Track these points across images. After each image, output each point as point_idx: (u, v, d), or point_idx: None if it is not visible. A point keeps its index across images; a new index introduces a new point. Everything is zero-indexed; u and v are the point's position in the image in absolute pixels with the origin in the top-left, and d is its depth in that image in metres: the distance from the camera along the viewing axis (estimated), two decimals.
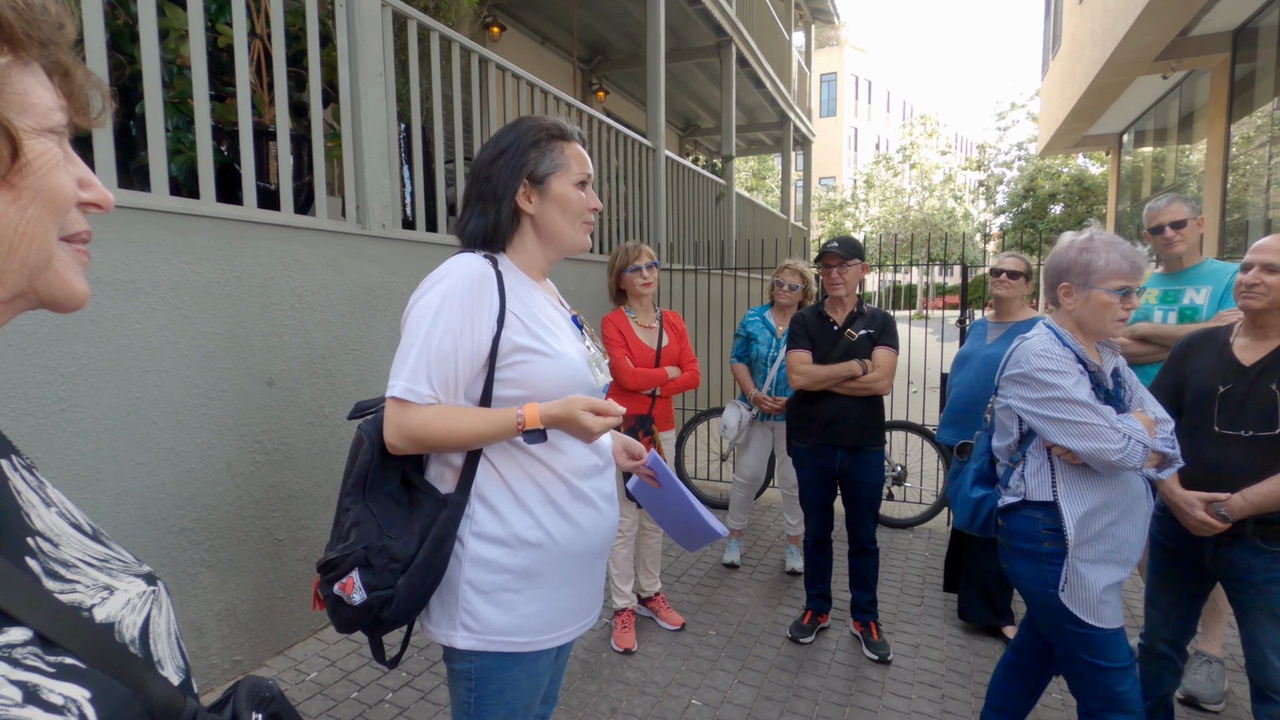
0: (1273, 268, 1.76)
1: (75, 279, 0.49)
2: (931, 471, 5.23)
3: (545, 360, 1.15)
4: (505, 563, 1.14)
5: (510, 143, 1.19)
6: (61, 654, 0.41)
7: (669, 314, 3.02)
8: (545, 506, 1.17)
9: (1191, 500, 1.83)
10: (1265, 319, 1.81)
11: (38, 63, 0.45)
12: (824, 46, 35.58)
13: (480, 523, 1.15)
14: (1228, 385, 1.83)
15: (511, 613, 1.14)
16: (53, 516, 0.49)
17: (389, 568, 1.09)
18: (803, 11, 13.32)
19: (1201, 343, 1.96)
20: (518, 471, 1.16)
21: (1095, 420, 1.57)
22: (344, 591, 1.09)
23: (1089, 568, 1.64)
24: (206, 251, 2.32)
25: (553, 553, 1.17)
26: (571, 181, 1.21)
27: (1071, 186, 21.39)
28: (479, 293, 1.12)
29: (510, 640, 1.15)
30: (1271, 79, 7.78)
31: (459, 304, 1.11)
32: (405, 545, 1.11)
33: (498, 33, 7.00)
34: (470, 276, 1.13)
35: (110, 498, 2.08)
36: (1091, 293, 1.66)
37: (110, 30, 2.42)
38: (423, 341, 1.10)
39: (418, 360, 1.10)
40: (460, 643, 1.14)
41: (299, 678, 2.50)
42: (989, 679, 2.56)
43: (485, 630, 1.14)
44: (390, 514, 1.14)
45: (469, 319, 1.11)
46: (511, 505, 1.15)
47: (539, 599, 1.16)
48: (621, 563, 2.89)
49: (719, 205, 7.96)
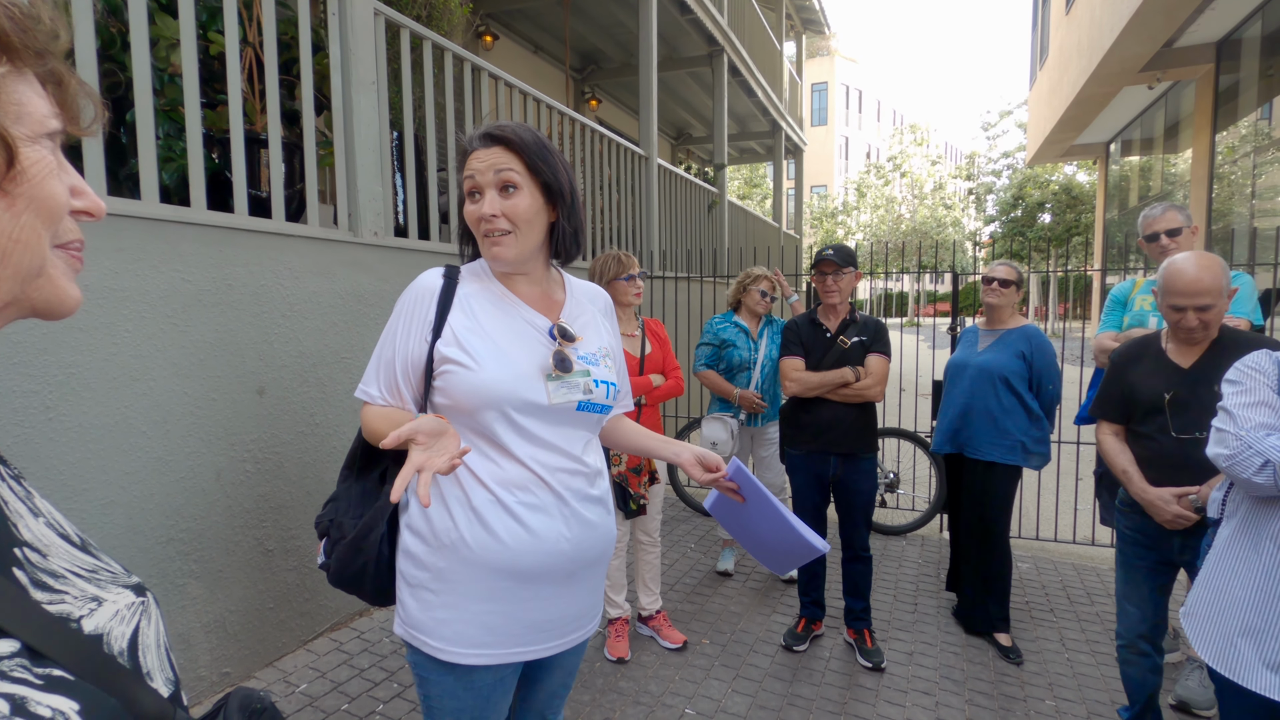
0: (1206, 308, 1.86)
1: (67, 285, 0.49)
2: (924, 478, 5.25)
3: (465, 372, 1.14)
4: (425, 560, 1.16)
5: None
6: (50, 666, 0.40)
7: (650, 322, 3.01)
8: (465, 511, 1.14)
9: (1165, 497, 1.93)
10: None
11: (32, 71, 0.45)
12: (815, 56, 35.89)
13: (411, 515, 1.19)
14: (1171, 391, 1.94)
15: (427, 613, 1.16)
16: (41, 527, 0.48)
17: (337, 539, 1.23)
18: (794, 21, 13.43)
19: (1138, 352, 2.08)
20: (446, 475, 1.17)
21: (1225, 425, 1.52)
22: (319, 553, 1.26)
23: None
24: (197, 259, 2.31)
25: (466, 559, 1.13)
26: (467, 199, 1.19)
27: (1060, 195, 21.59)
28: (415, 307, 1.20)
29: (426, 641, 1.16)
30: (1255, 89, 7.90)
31: (402, 317, 1.20)
32: (352, 523, 1.23)
33: (490, 42, 7.02)
34: (415, 291, 1.21)
35: (98, 507, 2.06)
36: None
37: (101, 38, 2.41)
38: (378, 350, 1.22)
39: (373, 366, 1.22)
40: (396, 628, 1.22)
41: (289, 689, 2.47)
42: (983, 686, 2.57)
43: (409, 623, 1.18)
44: (367, 496, 1.27)
45: (405, 331, 1.19)
46: (435, 502, 1.16)
47: (452, 606, 1.14)
48: (614, 574, 2.87)
49: (711, 213, 7.99)
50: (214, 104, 2.75)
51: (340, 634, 2.86)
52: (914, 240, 26.92)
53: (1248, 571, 1.47)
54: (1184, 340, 1.95)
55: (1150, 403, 1.98)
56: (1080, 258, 21.58)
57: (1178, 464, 1.93)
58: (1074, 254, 21.97)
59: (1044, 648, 2.87)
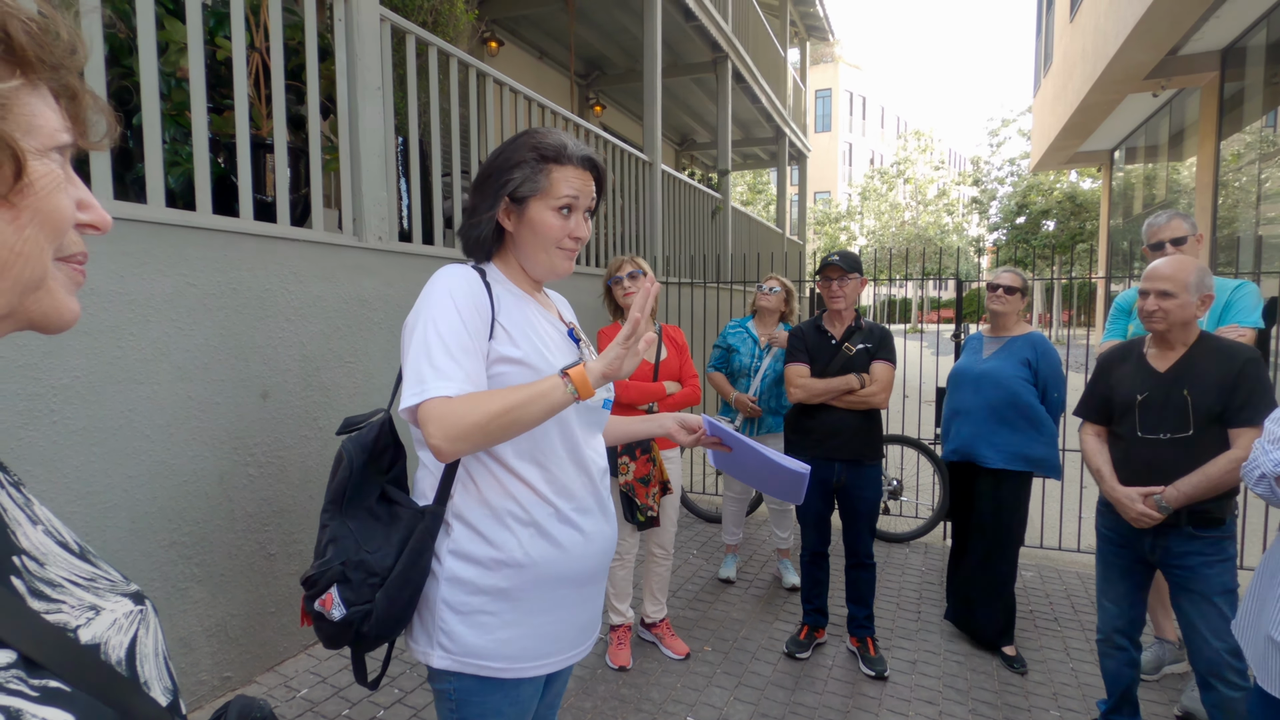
0: (1166, 294, 1.95)
1: (66, 299, 0.49)
2: (928, 485, 5.23)
3: (526, 372, 1.12)
4: (481, 583, 1.11)
5: (503, 159, 1.18)
6: (46, 676, 0.40)
7: (668, 328, 2.96)
8: (527, 528, 1.13)
9: (1132, 495, 2.02)
10: (1169, 335, 2.01)
11: (46, 85, 0.45)
12: (819, 63, 35.95)
13: (458, 540, 1.12)
14: (1144, 393, 2.02)
15: (487, 635, 1.11)
16: (39, 535, 0.48)
17: (367, 582, 1.08)
18: (798, 28, 13.47)
19: (1121, 356, 2.16)
20: (498, 489, 1.13)
21: (1259, 439, 1.54)
22: (324, 608, 1.09)
23: None
24: (202, 263, 2.31)
25: (533, 575, 1.13)
26: (551, 206, 1.16)
27: (1064, 203, 21.55)
28: (476, 299, 1.12)
29: (486, 665, 1.11)
30: (1260, 97, 7.89)
31: (465, 303, 1.10)
32: (383, 558, 1.10)
33: (496, 48, 7.05)
34: (467, 280, 1.13)
35: (101, 511, 2.06)
36: None
37: (109, 43, 2.43)
38: (438, 339, 1.06)
39: (444, 357, 1.05)
40: (437, 662, 1.12)
41: (289, 694, 2.46)
42: (986, 696, 2.55)
43: (461, 651, 1.11)
44: (368, 529, 1.13)
45: (474, 320, 1.10)
46: (490, 523, 1.12)
47: (517, 623, 1.13)
48: (619, 582, 2.84)
49: (715, 219, 8.00)
50: (220, 109, 2.76)
51: None
52: (918, 246, 26.89)
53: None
54: (1147, 327, 2.02)
55: (1125, 403, 2.07)
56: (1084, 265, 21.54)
57: (1145, 464, 2.01)
58: (1078, 261, 21.93)
59: (1048, 657, 2.85)
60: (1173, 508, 1.95)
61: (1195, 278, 1.95)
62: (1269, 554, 1.57)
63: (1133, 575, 2.15)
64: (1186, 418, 1.94)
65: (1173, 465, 1.95)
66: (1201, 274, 1.96)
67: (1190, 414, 1.93)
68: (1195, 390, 1.93)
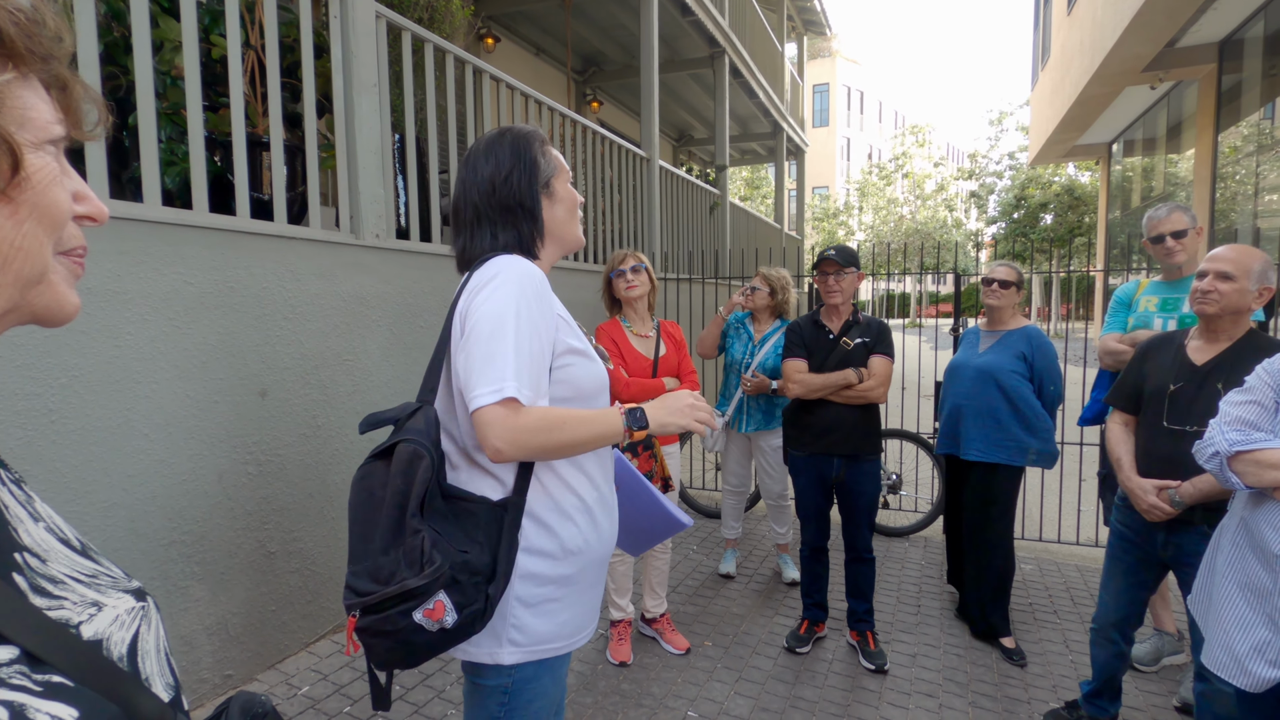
0: (1226, 275, 1.88)
1: (67, 292, 0.49)
2: (927, 480, 5.24)
3: (588, 362, 1.19)
4: (550, 574, 1.15)
5: (517, 155, 1.20)
6: (49, 672, 0.40)
7: (667, 324, 2.96)
8: (583, 515, 1.19)
9: (1146, 487, 1.99)
10: (1217, 323, 1.94)
11: (37, 77, 0.45)
12: (816, 58, 35.86)
13: (527, 536, 1.13)
14: (1179, 384, 1.97)
15: (553, 620, 1.16)
16: (41, 532, 0.48)
17: (472, 581, 1.05)
18: (795, 23, 13.44)
19: (1160, 345, 2.12)
20: (558, 482, 1.17)
21: (1213, 420, 1.59)
22: (431, 618, 1.02)
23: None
24: (199, 262, 2.31)
25: (588, 559, 1.20)
26: (566, 180, 1.26)
27: (1062, 196, 21.55)
28: (545, 292, 1.12)
29: (550, 647, 1.17)
30: (1258, 89, 7.88)
31: (535, 303, 1.09)
32: (479, 556, 1.06)
33: (492, 44, 7.03)
34: (534, 276, 1.12)
35: (100, 510, 2.06)
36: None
37: (104, 42, 2.42)
38: (514, 341, 1.05)
39: (518, 361, 1.04)
40: (508, 658, 1.13)
41: (291, 692, 2.47)
42: (986, 688, 2.56)
43: (531, 641, 1.15)
44: (449, 529, 1.08)
45: (545, 318, 1.10)
46: (556, 515, 1.16)
47: (574, 604, 1.19)
48: (619, 578, 2.85)
49: (713, 214, 7.99)
50: (216, 107, 2.76)
51: (343, 636, 2.86)
52: (916, 241, 26.88)
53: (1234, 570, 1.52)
54: (1197, 309, 1.96)
55: (1156, 393, 2.03)
56: (1083, 258, 21.54)
57: (1168, 456, 1.98)
58: (1076, 255, 21.95)
59: (1047, 649, 2.86)
60: (1186, 503, 1.91)
61: (1260, 267, 1.87)
62: (1220, 529, 1.61)
63: (1137, 574, 2.13)
64: (1215, 412, 1.89)
65: (1193, 460, 1.89)
66: (1266, 265, 1.88)
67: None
68: (1230, 385, 1.85)
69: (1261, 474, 1.44)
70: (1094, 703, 2.27)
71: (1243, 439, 1.47)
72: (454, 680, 2.58)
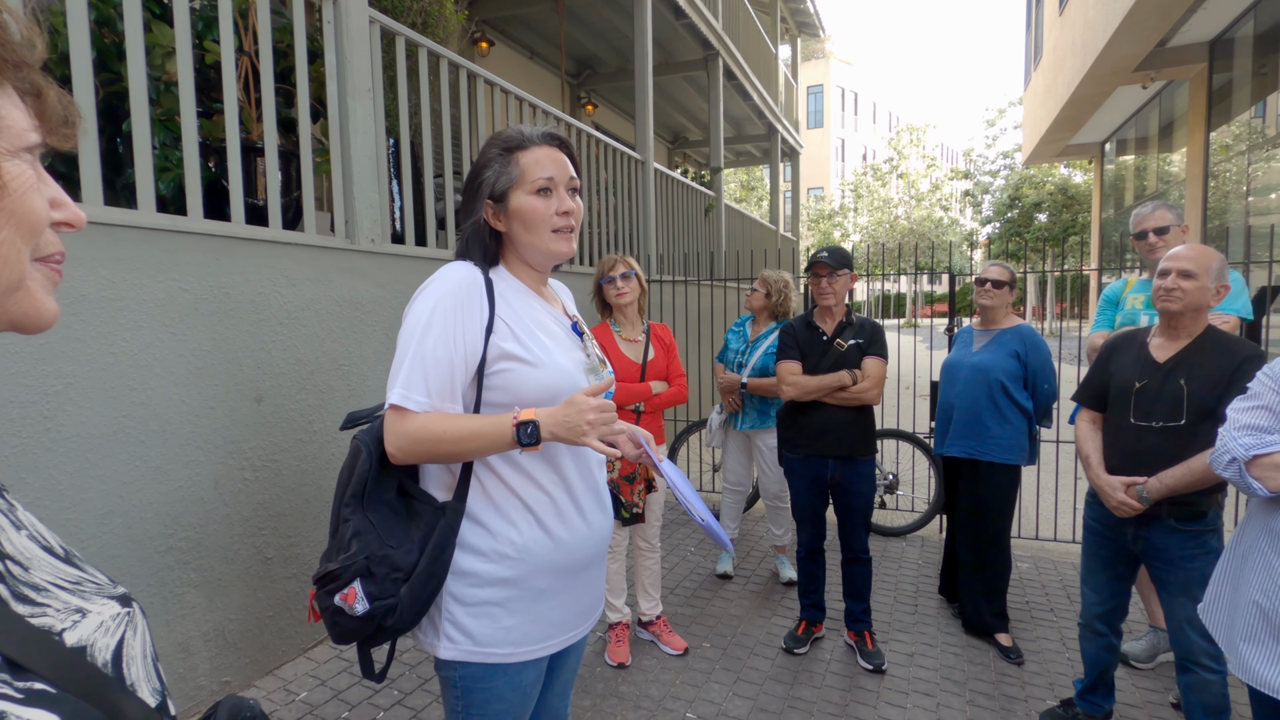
0: (1188, 274, 1.94)
1: (45, 299, 0.49)
2: (923, 479, 5.25)
3: (529, 369, 1.14)
4: (486, 575, 1.14)
5: (475, 167, 1.21)
6: (31, 679, 0.40)
7: (656, 327, 2.96)
8: (525, 517, 1.16)
9: (1114, 484, 2.04)
10: (1179, 321, 2.00)
11: (10, 84, 0.44)
12: (810, 59, 35.97)
13: (464, 535, 1.15)
14: (1143, 381, 2.02)
15: (493, 625, 1.15)
16: (23, 540, 0.48)
17: (390, 576, 1.09)
18: (788, 25, 13.48)
19: (1123, 343, 2.17)
20: (498, 483, 1.16)
21: (1222, 428, 1.59)
22: (345, 602, 1.08)
23: None
24: (194, 268, 2.31)
25: (532, 565, 1.16)
26: (529, 191, 1.17)
27: (1056, 195, 21.63)
28: (468, 297, 1.13)
29: (492, 652, 1.15)
30: (1248, 88, 7.93)
31: (450, 308, 1.11)
32: (406, 554, 1.11)
33: (486, 48, 7.04)
34: (459, 282, 1.13)
35: (96, 517, 2.06)
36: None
37: (97, 48, 2.42)
38: (416, 348, 1.09)
39: (412, 367, 1.09)
40: (444, 653, 1.16)
41: (289, 698, 2.47)
42: (983, 687, 2.57)
43: (468, 642, 1.14)
44: (388, 523, 1.13)
45: (460, 323, 1.11)
46: (493, 517, 1.15)
47: (520, 612, 1.16)
48: (613, 578, 2.86)
49: (708, 216, 8.01)
50: (210, 113, 2.76)
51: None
52: (911, 241, 26.94)
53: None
54: (1160, 307, 2.01)
55: (1122, 390, 2.08)
56: (1077, 257, 21.62)
57: (1134, 453, 2.02)
58: (1070, 253, 22.02)
59: (1044, 647, 2.87)
60: (1153, 499, 1.96)
61: (1217, 265, 1.95)
62: (1236, 537, 1.59)
63: (1114, 568, 2.17)
64: (1180, 407, 1.94)
65: (1160, 455, 1.96)
66: (1222, 264, 1.97)
67: (1184, 404, 1.93)
68: (1192, 381, 1.93)
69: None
70: (1088, 699, 2.29)
71: (1258, 443, 1.47)
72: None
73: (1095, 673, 2.26)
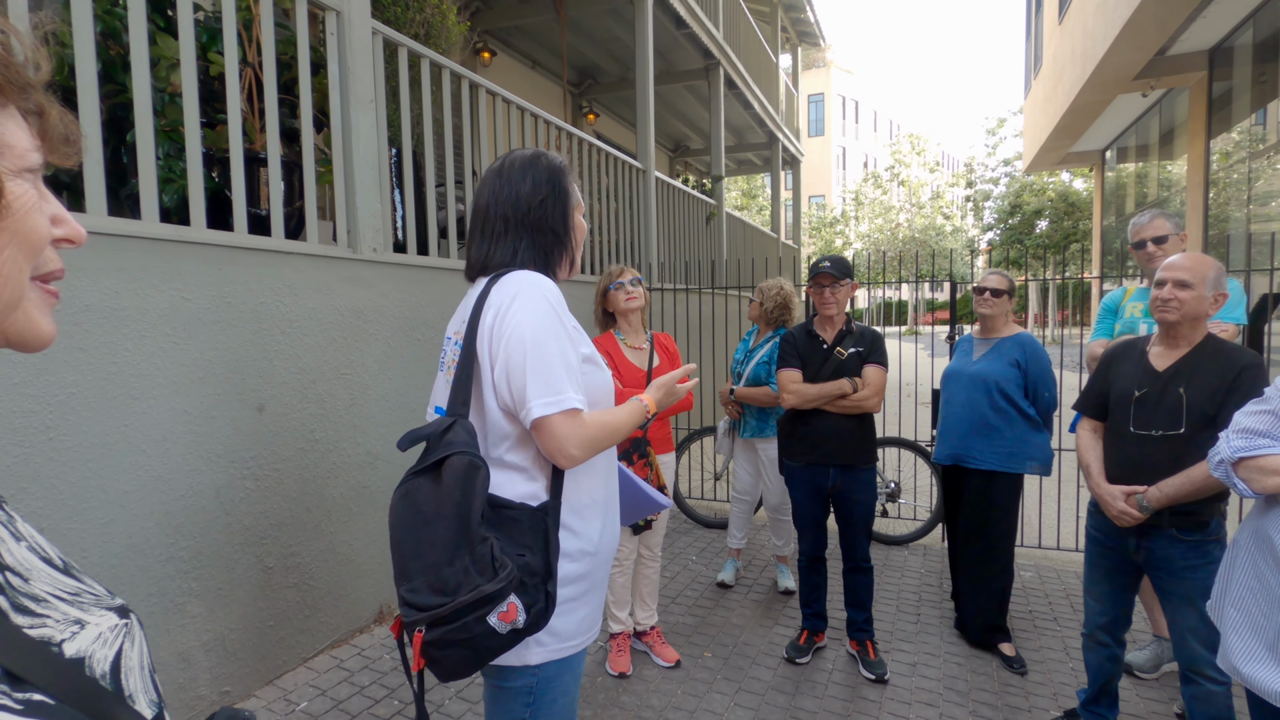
0: (1184, 284, 1.94)
1: (42, 320, 0.49)
2: (925, 488, 5.24)
3: (599, 371, 1.26)
4: (569, 573, 1.20)
5: (553, 182, 1.28)
6: (30, 690, 0.41)
7: (660, 335, 2.98)
8: (598, 515, 1.25)
9: (1114, 493, 2.03)
10: (1177, 330, 2.00)
11: (14, 105, 0.45)
12: (811, 68, 36.12)
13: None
14: (1142, 390, 2.02)
15: (573, 618, 1.21)
16: (22, 551, 0.48)
17: (533, 582, 1.11)
18: (789, 34, 13.54)
19: (1123, 352, 2.17)
20: (578, 485, 1.23)
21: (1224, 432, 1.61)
22: (505, 620, 1.06)
23: None
24: (197, 278, 2.32)
25: (601, 558, 1.25)
26: (582, 211, 1.35)
27: (1057, 203, 21.64)
28: (563, 307, 1.21)
29: (571, 644, 1.22)
30: (1248, 96, 7.95)
31: (561, 315, 1.18)
32: (534, 557, 1.13)
33: (488, 58, 7.08)
34: (556, 291, 1.21)
35: (97, 527, 2.06)
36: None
37: (102, 60, 2.44)
38: (559, 354, 1.14)
39: (568, 373, 1.14)
40: (535, 658, 1.18)
41: (289, 708, 2.46)
42: (987, 697, 2.55)
43: (555, 641, 1.20)
44: (499, 537, 1.12)
45: (570, 331, 1.19)
46: (573, 517, 1.21)
47: (590, 602, 1.25)
48: (619, 589, 2.85)
49: (709, 225, 8.03)
50: (214, 123, 2.78)
51: (341, 651, 2.85)
52: (912, 249, 26.96)
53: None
54: (1158, 317, 2.01)
55: (1121, 399, 2.07)
56: (1078, 264, 21.61)
57: (1135, 462, 2.01)
58: (1072, 261, 22.02)
59: (1048, 657, 2.85)
60: (1154, 508, 1.95)
61: (1213, 274, 1.94)
62: (1237, 533, 1.61)
63: (1116, 577, 2.16)
64: (1180, 416, 1.94)
65: (1160, 464, 1.95)
66: (1219, 272, 1.96)
67: (1184, 412, 1.93)
68: (1192, 389, 1.93)
69: (1264, 479, 1.46)
70: (1092, 710, 2.28)
71: (1246, 445, 1.50)
72: (471, 680, 2.57)
73: (1099, 683, 2.25)
